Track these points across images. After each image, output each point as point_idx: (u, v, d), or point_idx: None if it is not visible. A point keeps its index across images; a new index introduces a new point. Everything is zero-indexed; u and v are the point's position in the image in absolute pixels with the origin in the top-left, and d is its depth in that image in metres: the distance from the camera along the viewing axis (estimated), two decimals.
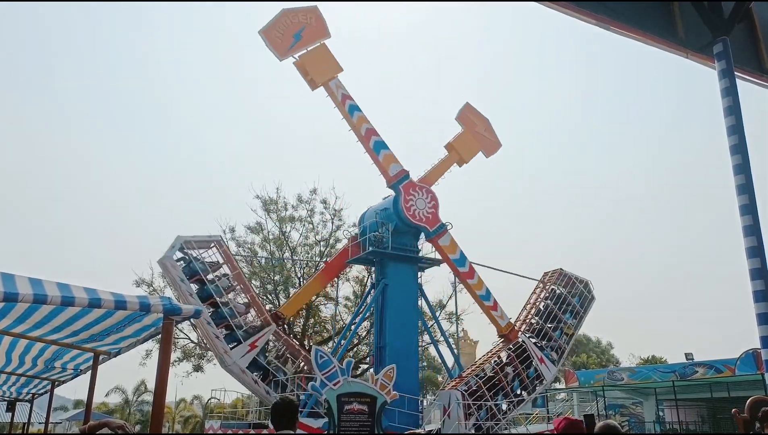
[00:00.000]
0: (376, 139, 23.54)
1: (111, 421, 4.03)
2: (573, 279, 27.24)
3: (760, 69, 3.77)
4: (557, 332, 25.99)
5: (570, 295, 26.77)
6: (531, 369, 24.37)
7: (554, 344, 25.71)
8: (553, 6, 2.97)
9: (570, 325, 26.35)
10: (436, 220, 23.79)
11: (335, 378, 16.26)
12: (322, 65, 22.98)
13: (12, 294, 4.07)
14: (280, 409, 4.04)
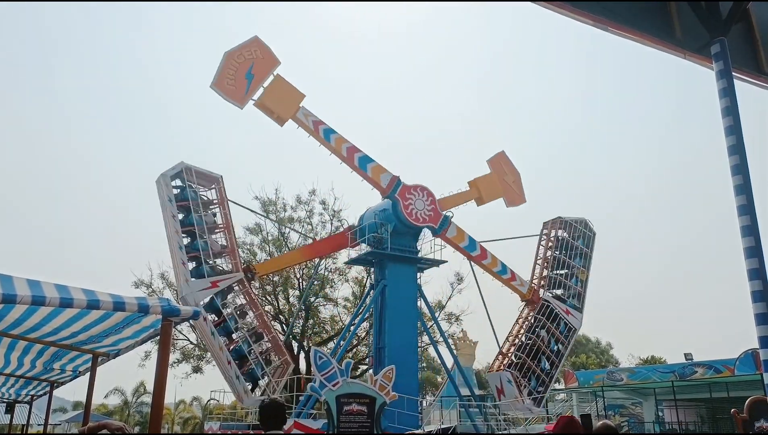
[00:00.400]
0: (360, 155, 23.00)
1: (110, 422, 4.04)
2: (572, 222, 27.55)
3: (757, 69, 3.77)
4: (573, 280, 26.69)
5: (573, 238, 27.14)
6: (561, 324, 25.60)
7: (573, 292, 26.57)
8: (550, 6, 2.98)
9: (581, 269, 26.91)
10: (438, 216, 23.92)
11: (334, 379, 16.25)
12: (283, 99, 21.76)
13: (10, 295, 4.07)
14: (268, 411, 4.10)
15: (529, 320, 25.58)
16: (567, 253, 26.75)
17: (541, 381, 24.50)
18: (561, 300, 26.23)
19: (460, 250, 24.73)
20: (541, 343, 24.75)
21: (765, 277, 3.01)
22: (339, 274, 33.08)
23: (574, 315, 26.16)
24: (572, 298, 26.40)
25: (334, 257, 33.01)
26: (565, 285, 26.46)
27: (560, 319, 25.73)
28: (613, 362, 68.24)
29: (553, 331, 25.37)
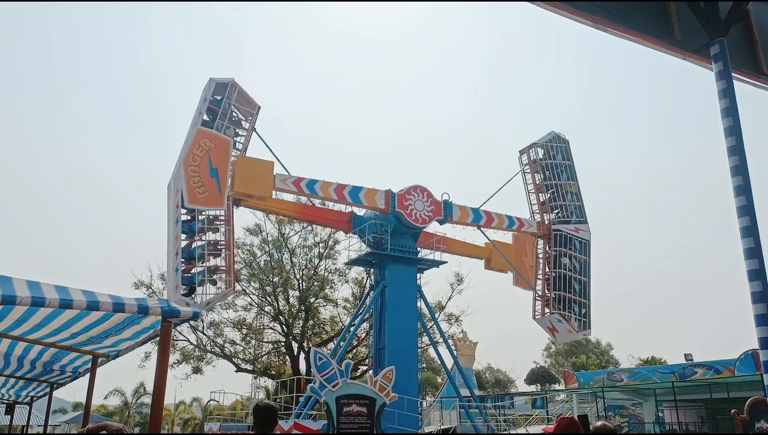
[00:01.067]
0: (348, 190, 22.56)
1: (109, 424, 4.04)
2: (544, 142, 27.31)
3: (757, 70, 3.77)
4: (568, 197, 26.89)
5: (552, 157, 27.06)
6: (576, 243, 26.26)
7: (572, 208, 26.86)
8: (549, 7, 2.98)
9: (570, 182, 26.99)
10: (438, 208, 24.00)
11: (334, 380, 16.24)
12: (255, 177, 20.61)
13: (10, 297, 4.07)
14: (261, 413, 4.33)
15: (549, 254, 26.31)
16: (552, 173, 26.85)
17: (581, 304, 25.70)
18: (565, 221, 26.59)
19: (469, 225, 25.12)
20: (568, 272, 25.74)
21: (765, 278, 3.01)
22: (339, 274, 33.11)
23: (582, 229, 26.76)
24: (574, 215, 26.76)
25: (334, 258, 33.08)
26: (563, 206, 26.67)
27: (573, 239, 26.39)
28: (613, 363, 68.32)
29: (573, 254, 26.18)
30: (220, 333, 32.00)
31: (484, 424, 23.04)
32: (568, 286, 25.69)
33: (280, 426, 19.24)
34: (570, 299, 25.42)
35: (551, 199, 26.73)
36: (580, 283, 26.12)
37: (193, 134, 20.18)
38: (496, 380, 70.10)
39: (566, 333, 25.29)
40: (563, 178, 26.87)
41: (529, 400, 46.41)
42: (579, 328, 25.40)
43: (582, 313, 25.77)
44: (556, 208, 26.68)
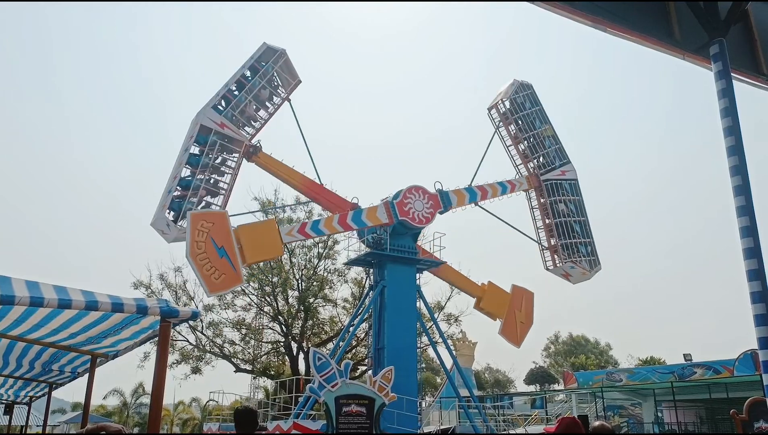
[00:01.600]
0: (351, 216, 22.57)
1: (108, 425, 4.03)
2: (509, 93, 26.75)
3: (756, 70, 3.77)
4: (546, 142, 26.85)
5: (521, 108, 26.72)
6: (566, 186, 26.49)
7: (553, 151, 26.88)
8: (549, 7, 2.97)
9: (545, 127, 26.87)
10: (436, 201, 24.06)
11: (333, 380, 16.23)
12: (263, 240, 20.42)
13: (9, 297, 4.06)
14: (241, 417, 4.60)
15: (544, 206, 26.65)
16: (525, 122, 26.64)
17: (586, 244, 26.27)
18: (550, 168, 26.70)
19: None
20: (566, 218, 26.18)
21: (764, 278, 3.00)
22: (338, 274, 33.10)
23: (567, 170, 26.86)
24: (556, 159, 26.78)
25: (333, 258, 33.07)
26: (545, 154, 26.69)
27: (563, 183, 26.58)
28: (612, 363, 68.31)
29: (566, 198, 26.45)
30: (219, 333, 31.99)
31: (484, 425, 23.03)
32: (571, 231, 26.24)
33: (279, 426, 19.24)
34: (575, 243, 26.07)
35: (530, 148, 26.73)
36: (580, 224, 26.55)
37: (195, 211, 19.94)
38: (496, 380, 70.11)
39: (580, 275, 26.23)
40: (537, 125, 26.73)
41: (529, 401, 46.41)
42: (590, 267, 26.20)
43: (589, 251, 26.41)
44: (537, 156, 26.70)
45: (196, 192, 20.93)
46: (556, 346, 77.18)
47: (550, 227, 26.68)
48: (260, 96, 23.32)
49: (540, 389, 59.77)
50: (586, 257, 26.27)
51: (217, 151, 21.82)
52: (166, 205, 20.54)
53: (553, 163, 26.79)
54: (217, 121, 21.79)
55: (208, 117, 21.70)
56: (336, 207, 24.17)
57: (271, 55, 23.49)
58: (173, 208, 20.70)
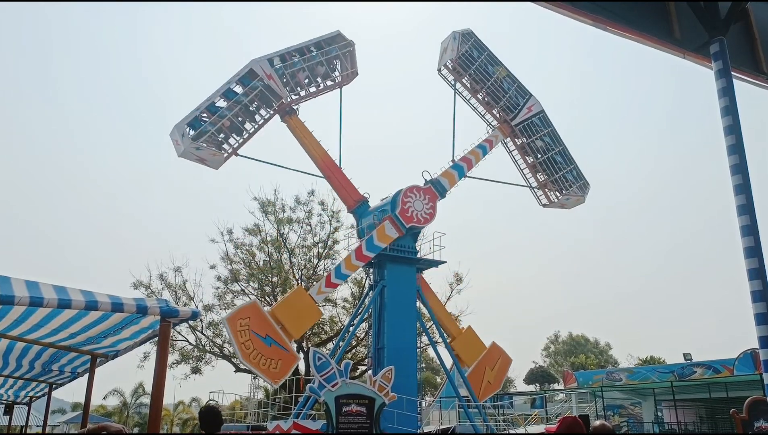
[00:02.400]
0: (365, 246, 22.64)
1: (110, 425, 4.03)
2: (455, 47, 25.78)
3: (756, 69, 3.77)
4: (504, 84, 26.46)
5: (469, 58, 25.87)
6: (536, 121, 26.44)
7: (512, 91, 26.55)
8: (549, 6, 2.97)
9: (498, 68, 26.41)
10: (432, 193, 24.13)
11: (333, 380, 16.23)
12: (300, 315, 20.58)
13: (8, 297, 4.06)
14: (205, 416, 4.95)
15: (522, 147, 26.82)
16: (477, 72, 25.94)
17: (571, 171, 26.78)
18: (515, 108, 26.50)
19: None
20: (546, 154, 26.42)
21: (765, 276, 3.00)
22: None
23: (532, 105, 26.70)
24: (519, 97, 26.58)
25: (333, 258, 33.04)
26: (507, 97, 26.33)
27: (533, 120, 26.51)
28: (612, 362, 68.38)
29: (540, 133, 26.49)
30: (219, 333, 31.96)
31: (483, 424, 23.04)
32: (554, 163, 26.55)
33: (279, 426, 19.24)
34: (562, 176, 26.50)
35: (491, 96, 26.33)
36: (560, 154, 26.76)
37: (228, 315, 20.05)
38: None
39: (575, 202, 27.11)
40: (490, 71, 26.20)
41: (528, 400, 46.42)
42: (582, 191, 26.92)
43: (575, 176, 26.86)
44: (500, 102, 26.38)
45: (220, 120, 22.17)
46: (556, 346, 77.27)
47: (533, 166, 26.97)
48: (315, 70, 24.52)
49: (540, 389, 59.78)
50: (575, 183, 26.80)
51: (256, 97, 23.01)
52: (188, 120, 21.76)
53: (517, 104, 26.54)
54: (267, 71, 23.03)
55: (260, 64, 23.00)
56: (344, 190, 24.72)
57: (340, 41, 24.80)
58: (193, 126, 21.91)
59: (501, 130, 26.67)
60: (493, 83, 26.11)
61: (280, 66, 23.44)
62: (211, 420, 4.91)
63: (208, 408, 5.09)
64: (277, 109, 23.53)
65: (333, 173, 24.71)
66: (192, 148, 21.85)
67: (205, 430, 4.92)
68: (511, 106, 26.43)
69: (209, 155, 22.66)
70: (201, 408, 5.24)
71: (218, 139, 22.45)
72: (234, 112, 22.44)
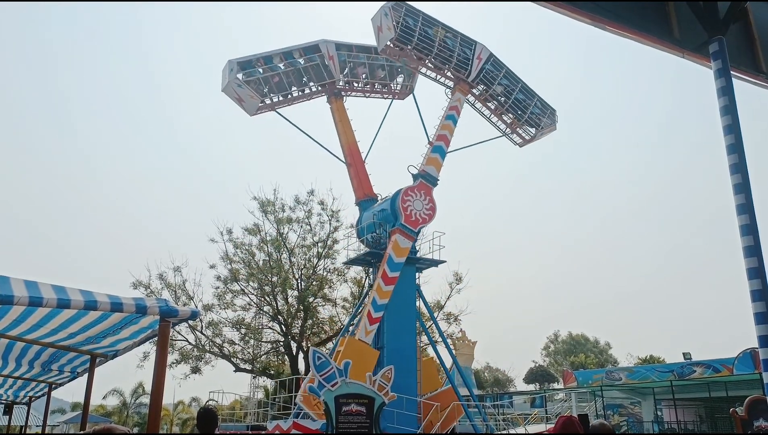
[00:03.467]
0: (387, 269, 22.60)
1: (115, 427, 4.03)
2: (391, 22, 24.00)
3: (755, 68, 3.77)
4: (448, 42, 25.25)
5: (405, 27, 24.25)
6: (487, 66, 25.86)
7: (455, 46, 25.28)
8: (548, 6, 2.97)
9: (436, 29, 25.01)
10: (426, 187, 23.88)
11: (333, 379, 16.23)
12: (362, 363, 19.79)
13: (8, 296, 4.06)
14: (201, 418, 5.18)
15: (484, 97, 26.62)
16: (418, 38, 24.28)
17: (536, 103, 26.93)
18: (466, 63, 25.45)
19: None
20: (507, 95, 26.35)
21: (764, 276, 3.00)
22: (338, 274, 33.09)
23: (480, 52, 25.75)
24: (464, 49, 25.44)
25: (332, 258, 33.05)
26: (454, 54, 25.10)
27: (485, 67, 25.90)
28: (612, 362, 68.35)
29: (495, 77, 26.14)
30: (219, 333, 31.96)
31: (483, 424, 23.03)
32: (518, 102, 26.53)
33: (279, 425, 19.24)
34: (530, 112, 26.68)
35: (439, 59, 25.08)
36: (521, 91, 26.66)
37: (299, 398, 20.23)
38: (495, 379, 70.14)
39: (548, 132, 27.56)
40: (429, 33, 24.82)
41: (528, 399, 46.40)
42: (552, 119, 27.39)
43: (542, 107, 27.14)
44: (448, 62, 25.15)
45: (272, 73, 24.66)
46: (556, 345, 77.29)
47: (499, 111, 26.89)
48: (375, 72, 26.35)
49: (540, 388, 59.79)
50: (543, 115, 27.07)
51: (311, 69, 25.16)
52: (243, 60, 24.20)
53: (467, 57, 25.46)
54: (330, 52, 25.10)
55: (326, 44, 25.22)
56: (359, 181, 25.54)
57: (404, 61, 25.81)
58: (244, 66, 24.33)
59: (460, 90, 25.69)
60: (438, 46, 24.76)
61: (344, 54, 25.61)
62: (206, 422, 5.13)
63: (205, 410, 5.31)
64: (326, 88, 25.56)
65: (355, 162, 25.75)
66: (234, 84, 23.73)
67: (200, 431, 5.13)
68: (461, 62, 25.37)
69: (248, 96, 24.27)
70: (199, 409, 5.47)
71: (263, 89, 24.47)
72: (286, 72, 24.66)
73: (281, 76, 24.84)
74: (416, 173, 24.13)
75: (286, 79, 25.06)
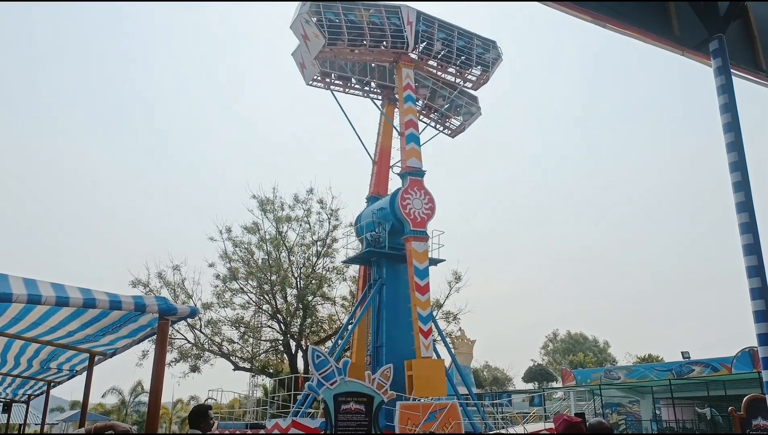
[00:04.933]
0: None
1: (117, 424, 4.03)
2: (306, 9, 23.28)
3: (755, 66, 3.77)
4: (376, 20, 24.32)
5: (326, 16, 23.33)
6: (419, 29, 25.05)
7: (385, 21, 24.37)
8: (551, 4, 2.97)
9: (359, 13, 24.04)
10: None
11: (332, 378, 16.22)
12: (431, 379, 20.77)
13: (6, 294, 4.05)
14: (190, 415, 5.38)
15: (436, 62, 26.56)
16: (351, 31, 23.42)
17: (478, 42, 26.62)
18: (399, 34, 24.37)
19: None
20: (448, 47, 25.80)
21: (764, 274, 3.00)
22: (337, 273, 33.10)
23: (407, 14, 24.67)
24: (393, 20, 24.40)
25: (332, 256, 33.06)
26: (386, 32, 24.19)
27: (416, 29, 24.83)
28: (611, 361, 68.38)
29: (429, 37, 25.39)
30: (218, 331, 31.96)
31: (482, 422, 23.04)
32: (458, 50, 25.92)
33: (278, 424, 19.24)
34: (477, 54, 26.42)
35: (373, 41, 24.10)
36: (459, 37, 26.06)
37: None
38: (494, 378, 70.19)
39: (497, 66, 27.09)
40: (353, 17, 23.75)
41: (527, 398, 46.44)
42: (496, 52, 27.04)
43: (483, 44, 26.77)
44: (381, 40, 24.30)
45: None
46: (555, 344, 77.33)
47: (444, 66, 26.70)
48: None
49: (538, 387, 59.82)
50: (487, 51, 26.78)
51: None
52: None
53: (398, 28, 24.37)
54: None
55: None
56: (378, 178, 26.06)
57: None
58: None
59: (404, 65, 24.71)
60: (367, 28, 23.79)
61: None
62: (193, 418, 5.34)
63: (195, 407, 5.54)
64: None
65: (382, 161, 26.20)
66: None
67: (191, 428, 5.31)
68: (394, 36, 24.27)
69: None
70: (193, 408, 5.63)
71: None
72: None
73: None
74: (402, 173, 24.02)
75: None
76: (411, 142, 24.20)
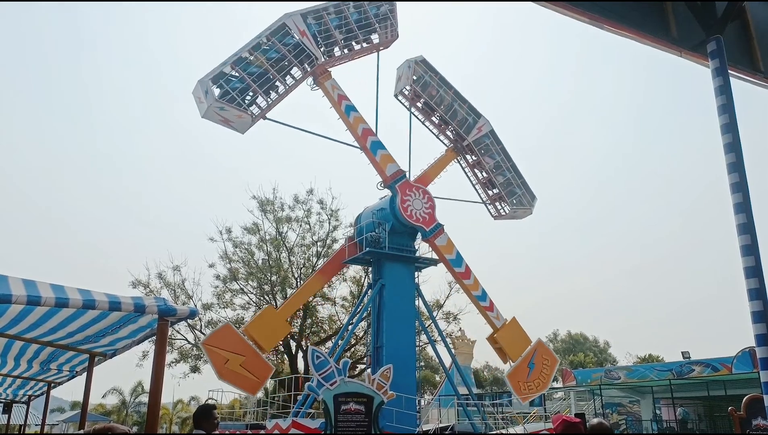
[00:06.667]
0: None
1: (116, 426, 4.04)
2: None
3: (753, 67, 3.77)
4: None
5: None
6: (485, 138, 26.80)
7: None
8: (546, 5, 2.97)
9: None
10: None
11: (332, 378, 16.21)
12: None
13: (6, 295, 4.06)
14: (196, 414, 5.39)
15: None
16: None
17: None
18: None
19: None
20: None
21: (761, 275, 3.00)
22: (336, 273, 33.11)
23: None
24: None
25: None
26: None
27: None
28: (611, 361, 68.40)
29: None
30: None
31: (482, 422, 23.04)
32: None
33: (278, 424, 19.23)
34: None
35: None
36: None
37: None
38: (494, 378, 70.17)
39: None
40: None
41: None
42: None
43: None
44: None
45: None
46: (555, 344, 77.31)
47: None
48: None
49: None
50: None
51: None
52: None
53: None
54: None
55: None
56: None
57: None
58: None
59: (325, 78, 23.51)
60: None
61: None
62: (199, 417, 5.32)
63: (200, 406, 5.48)
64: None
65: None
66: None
67: (195, 428, 5.28)
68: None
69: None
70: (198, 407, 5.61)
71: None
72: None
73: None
74: (387, 185, 23.71)
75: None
76: (377, 151, 23.65)
